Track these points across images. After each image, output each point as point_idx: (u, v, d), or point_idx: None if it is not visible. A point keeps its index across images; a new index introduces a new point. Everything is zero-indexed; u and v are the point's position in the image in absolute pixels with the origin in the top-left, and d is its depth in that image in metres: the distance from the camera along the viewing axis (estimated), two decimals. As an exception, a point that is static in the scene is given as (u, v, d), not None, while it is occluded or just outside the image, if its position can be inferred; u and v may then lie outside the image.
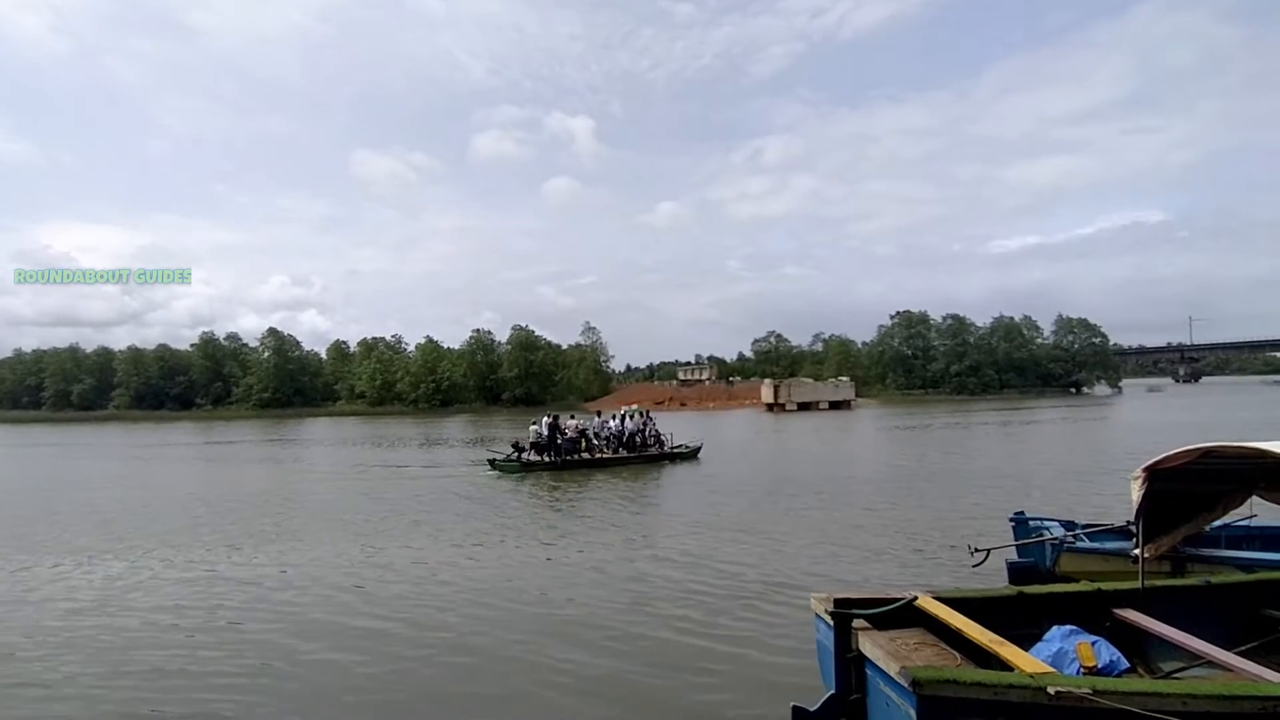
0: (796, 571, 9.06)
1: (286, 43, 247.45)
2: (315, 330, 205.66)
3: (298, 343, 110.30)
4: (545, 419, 22.72)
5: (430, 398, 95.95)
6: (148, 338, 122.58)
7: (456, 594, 8.52)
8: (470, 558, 10.53)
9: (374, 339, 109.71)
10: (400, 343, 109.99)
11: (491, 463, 21.42)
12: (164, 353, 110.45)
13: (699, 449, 24.33)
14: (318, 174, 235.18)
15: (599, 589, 8.61)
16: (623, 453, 22.71)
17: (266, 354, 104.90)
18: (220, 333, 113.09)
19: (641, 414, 25.22)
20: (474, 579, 9.20)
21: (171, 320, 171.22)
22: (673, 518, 13.42)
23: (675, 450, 23.66)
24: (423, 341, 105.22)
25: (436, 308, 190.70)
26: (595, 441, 22.69)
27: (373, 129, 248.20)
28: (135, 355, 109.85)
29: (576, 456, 21.83)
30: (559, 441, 21.74)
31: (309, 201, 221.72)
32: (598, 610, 7.73)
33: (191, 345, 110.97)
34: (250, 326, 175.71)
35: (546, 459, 21.35)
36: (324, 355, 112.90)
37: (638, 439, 23.31)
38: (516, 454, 21.40)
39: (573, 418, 23.51)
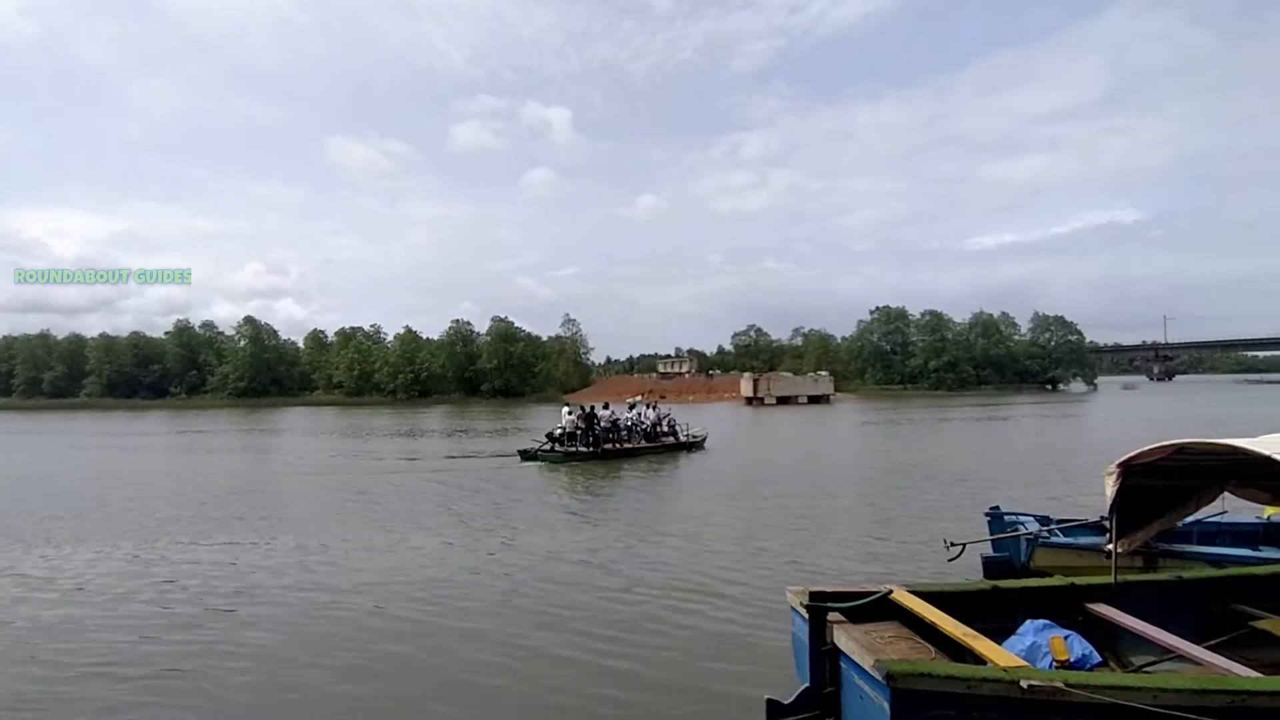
0: (775, 564, 9.05)
1: (264, 27, 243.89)
2: (291, 319, 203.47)
3: (274, 331, 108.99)
4: (570, 410, 22.81)
5: (409, 388, 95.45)
6: (120, 325, 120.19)
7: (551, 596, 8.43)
8: (590, 548, 10.35)
9: (352, 329, 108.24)
10: (379, 333, 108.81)
11: (526, 455, 21.35)
12: (137, 340, 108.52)
13: (705, 439, 25.51)
14: (294, 161, 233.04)
15: (645, 572, 8.58)
16: (643, 443, 23.51)
17: (243, 342, 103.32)
18: (194, 320, 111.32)
19: (649, 406, 26.01)
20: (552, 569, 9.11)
21: (144, 307, 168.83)
22: (675, 508, 13.61)
23: (689, 440, 24.76)
24: (401, 331, 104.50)
25: (415, 298, 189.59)
26: (623, 431, 23.46)
27: (350, 116, 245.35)
28: (108, 342, 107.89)
29: (611, 446, 22.24)
30: (595, 431, 21.94)
31: (285, 189, 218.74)
32: (603, 601, 7.68)
33: (166, 333, 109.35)
34: (225, 315, 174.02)
35: (584, 449, 21.46)
36: (301, 344, 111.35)
37: (657, 429, 24.29)
38: (551, 444, 21.48)
39: (605, 407, 23.84)
